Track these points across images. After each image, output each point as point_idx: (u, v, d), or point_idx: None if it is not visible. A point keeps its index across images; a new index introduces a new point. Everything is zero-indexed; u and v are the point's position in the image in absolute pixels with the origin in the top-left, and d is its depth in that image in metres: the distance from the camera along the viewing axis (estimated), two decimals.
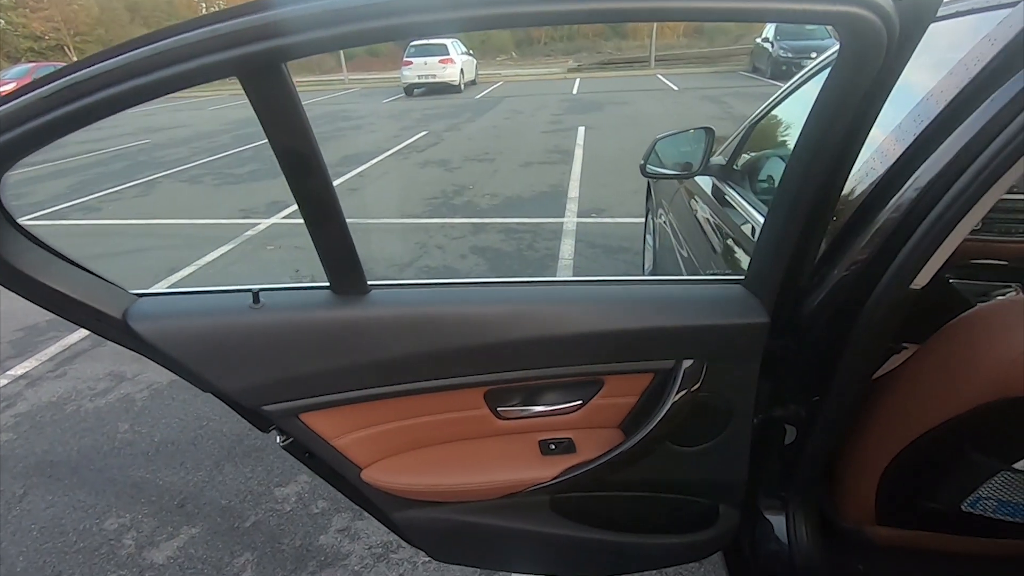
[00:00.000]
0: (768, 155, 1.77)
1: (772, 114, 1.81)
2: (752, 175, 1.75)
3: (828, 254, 0.97)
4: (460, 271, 3.93)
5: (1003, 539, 1.11)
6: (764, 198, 1.59)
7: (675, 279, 1.07)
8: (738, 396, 1.02)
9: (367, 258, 4.17)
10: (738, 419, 1.04)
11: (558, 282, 1.00)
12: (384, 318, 0.90)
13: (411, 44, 15.68)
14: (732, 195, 1.71)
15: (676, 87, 14.44)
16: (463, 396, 1.00)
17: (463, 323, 0.91)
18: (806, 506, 1.16)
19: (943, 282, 1.31)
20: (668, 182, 2.44)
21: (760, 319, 0.94)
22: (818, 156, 0.80)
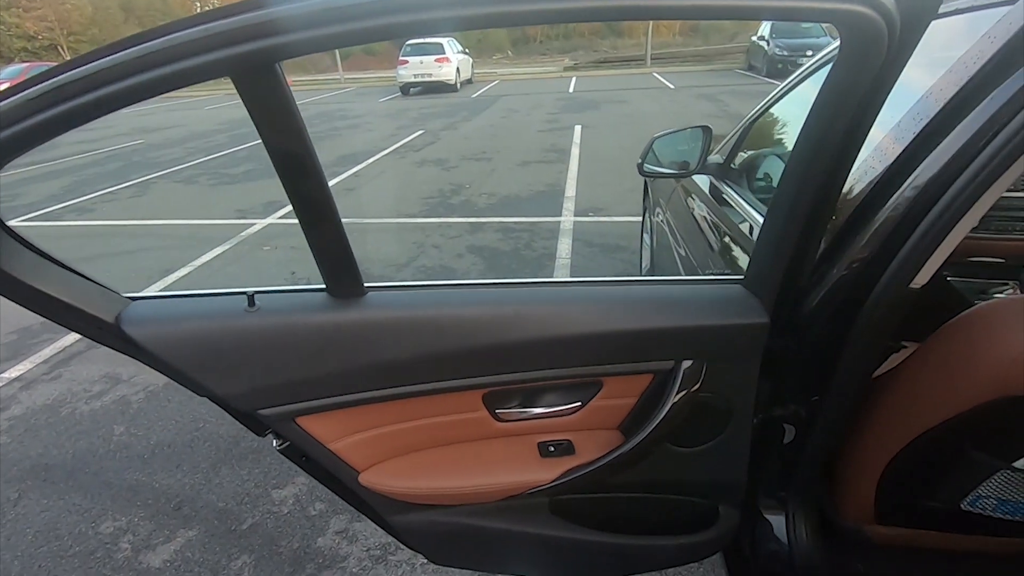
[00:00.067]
0: (766, 154, 1.77)
1: (770, 113, 1.81)
2: (750, 174, 1.74)
3: (827, 253, 0.97)
4: (457, 271, 3.92)
5: (1003, 537, 1.11)
6: (762, 197, 1.59)
7: (674, 279, 1.07)
8: (738, 396, 1.02)
9: (364, 258, 4.17)
10: (738, 419, 1.04)
11: (556, 283, 0.99)
12: (381, 320, 0.89)
13: (407, 43, 15.65)
14: (730, 194, 1.71)
15: (672, 85, 14.44)
16: (461, 398, 0.99)
17: (461, 325, 0.91)
18: (806, 505, 1.16)
19: (942, 281, 1.31)
20: (665, 181, 2.44)
21: (760, 319, 0.93)
22: (818, 155, 0.79)
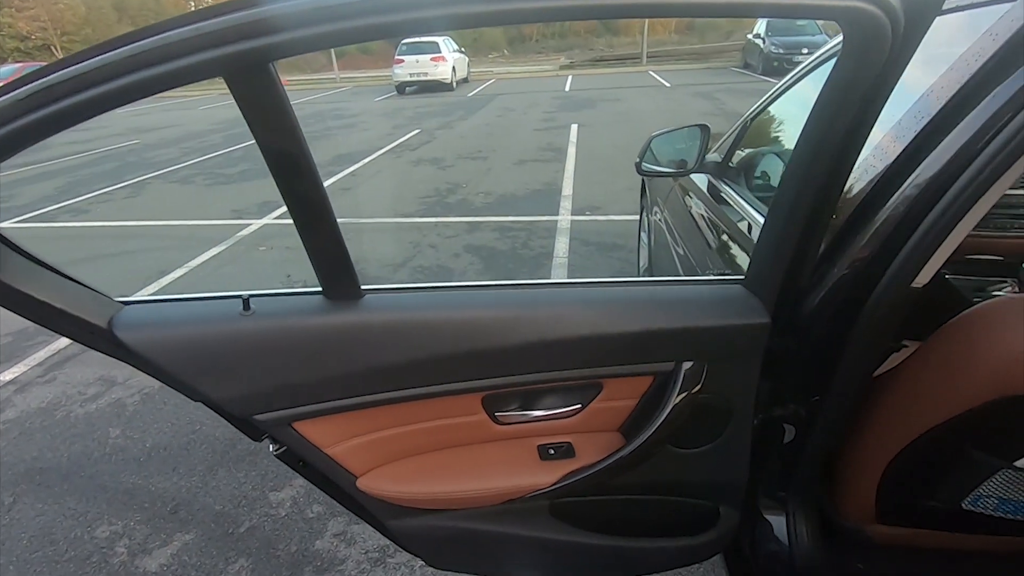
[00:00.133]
0: (764, 152, 1.76)
1: (768, 111, 1.80)
2: (748, 172, 1.74)
3: (828, 252, 0.96)
4: (455, 270, 3.90)
5: (1004, 536, 1.11)
6: (760, 195, 1.58)
7: (674, 280, 1.06)
8: (738, 397, 1.01)
9: (360, 258, 4.16)
10: (738, 420, 1.03)
11: (555, 284, 0.98)
12: (378, 323, 0.88)
13: (403, 42, 15.60)
14: (728, 192, 1.70)
15: (668, 83, 14.44)
16: (460, 402, 0.98)
17: (459, 327, 0.90)
18: (806, 505, 1.15)
19: (942, 280, 1.31)
20: (663, 180, 2.43)
21: (761, 319, 0.93)
22: (820, 154, 0.78)
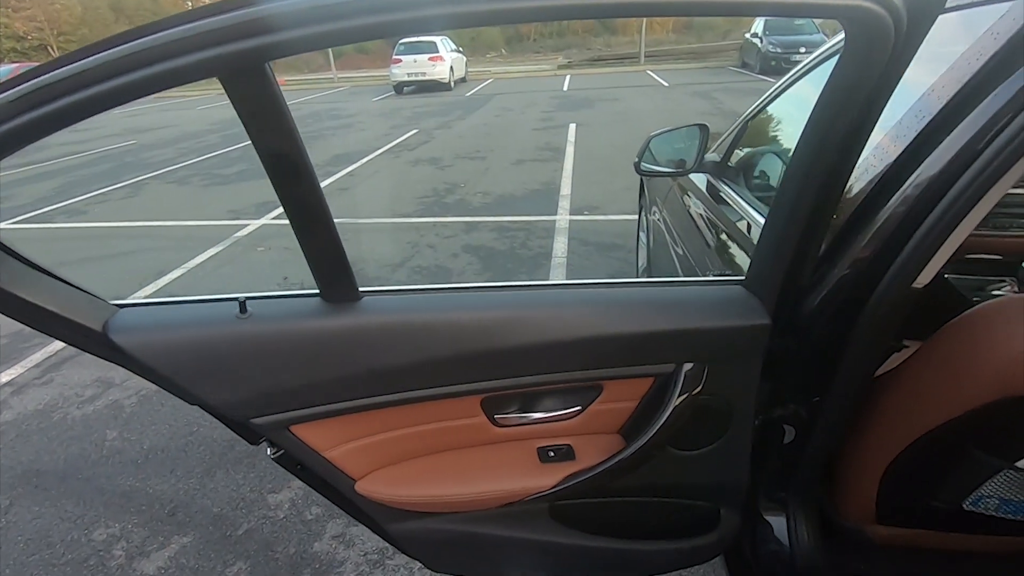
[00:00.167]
0: (763, 152, 1.76)
1: (767, 111, 1.79)
2: (747, 172, 1.73)
3: (828, 253, 0.96)
4: (453, 270, 3.90)
5: (1005, 537, 1.10)
6: (760, 195, 1.58)
7: (674, 280, 1.05)
8: (739, 398, 1.00)
9: (358, 259, 4.15)
10: (739, 421, 1.03)
11: (555, 285, 0.98)
12: (376, 326, 0.88)
13: (400, 42, 15.57)
14: (728, 192, 1.69)
15: (666, 83, 14.44)
16: (459, 404, 0.98)
17: (458, 329, 0.89)
18: (806, 506, 1.15)
19: (943, 279, 1.30)
20: (662, 179, 2.42)
21: (762, 320, 0.92)
22: (821, 155, 0.78)
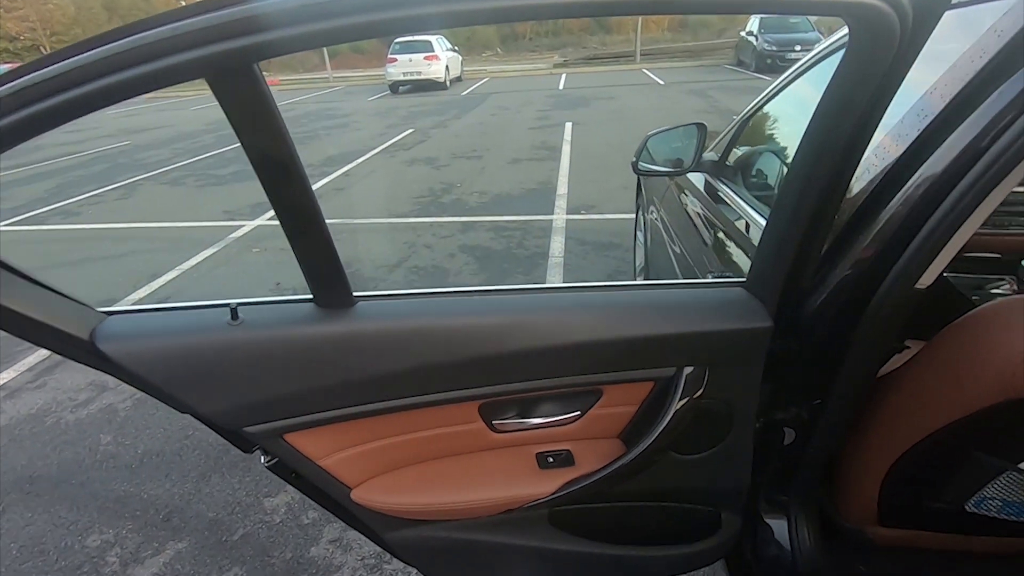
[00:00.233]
0: (761, 150, 1.75)
1: (765, 110, 1.78)
2: (746, 171, 1.72)
3: (830, 253, 0.94)
4: (450, 270, 3.88)
5: (1007, 538, 1.10)
6: (758, 194, 1.57)
7: (674, 283, 1.04)
8: (740, 402, 0.99)
9: (355, 259, 4.13)
10: (740, 425, 1.01)
11: (553, 289, 0.96)
12: (371, 331, 0.86)
13: (396, 41, 15.54)
14: (726, 191, 1.68)
15: (662, 81, 14.45)
16: (456, 410, 0.96)
17: (455, 334, 0.87)
18: (807, 508, 1.14)
19: (945, 280, 1.30)
20: (659, 178, 2.41)
21: (763, 323, 0.91)
22: (824, 155, 0.76)
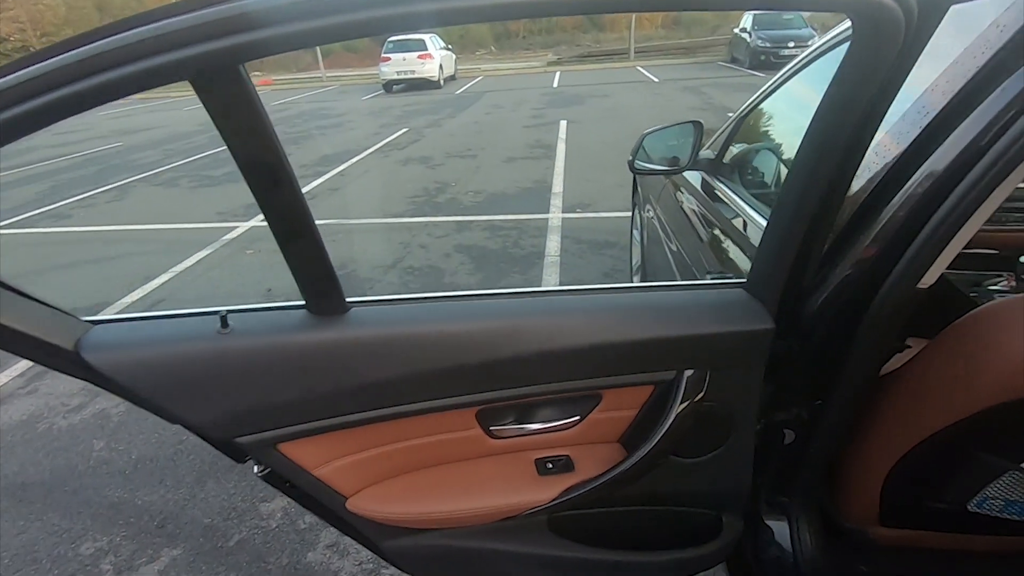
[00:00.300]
0: (758, 148, 1.74)
1: (761, 107, 1.77)
2: (743, 169, 1.71)
3: (831, 252, 0.93)
4: (446, 270, 3.86)
5: (1009, 537, 1.09)
6: (755, 192, 1.56)
7: (674, 284, 1.02)
8: (742, 404, 0.98)
9: (349, 260, 4.11)
10: (741, 427, 1.00)
11: (551, 292, 0.94)
12: (365, 338, 0.84)
13: (389, 40, 15.49)
14: (723, 189, 1.67)
15: (656, 79, 14.44)
16: (453, 417, 0.94)
17: (451, 340, 0.86)
18: (808, 509, 1.14)
19: (945, 278, 1.29)
20: (655, 176, 2.40)
21: (765, 325, 0.90)
22: (826, 153, 0.75)
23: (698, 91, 11.63)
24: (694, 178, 1.92)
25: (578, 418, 1.00)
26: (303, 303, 0.83)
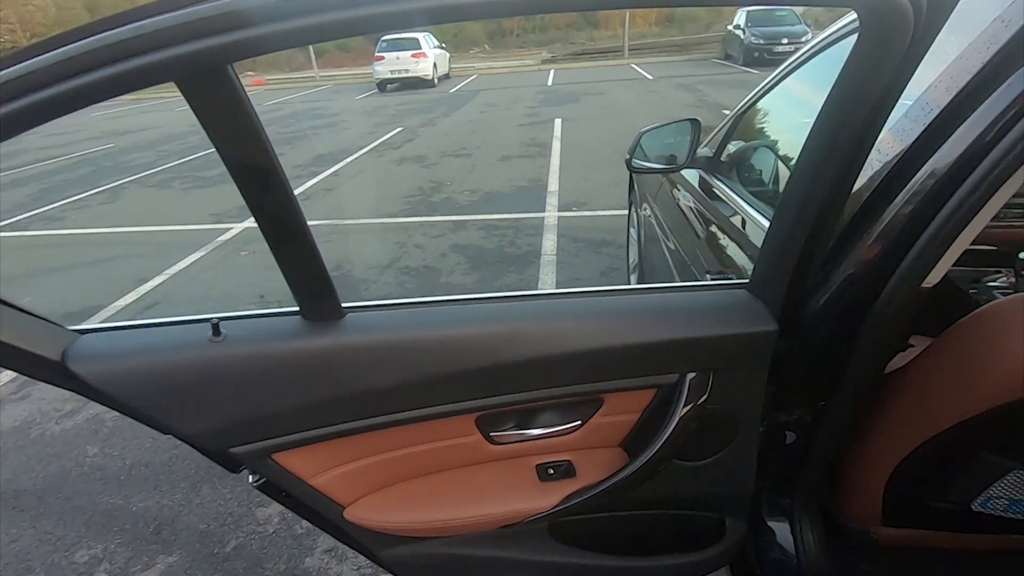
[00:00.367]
0: (756, 146, 1.72)
1: (758, 105, 1.76)
2: (741, 167, 1.70)
3: (834, 251, 0.92)
4: (442, 270, 3.84)
5: (1013, 535, 1.09)
6: (753, 190, 1.55)
7: (675, 286, 1.01)
8: (746, 406, 0.97)
9: (345, 261, 4.08)
10: (745, 430, 0.99)
11: (549, 295, 0.93)
12: (362, 345, 0.82)
13: (382, 39, 15.43)
14: (721, 187, 1.66)
15: (650, 76, 14.45)
16: (452, 423, 0.93)
17: (449, 345, 0.84)
18: (810, 509, 1.13)
19: (949, 277, 1.28)
20: (652, 175, 2.39)
21: (768, 327, 0.88)
22: (831, 154, 0.74)
23: (692, 88, 11.62)
24: (691, 176, 1.91)
25: (579, 423, 0.98)
26: (297, 309, 0.81)
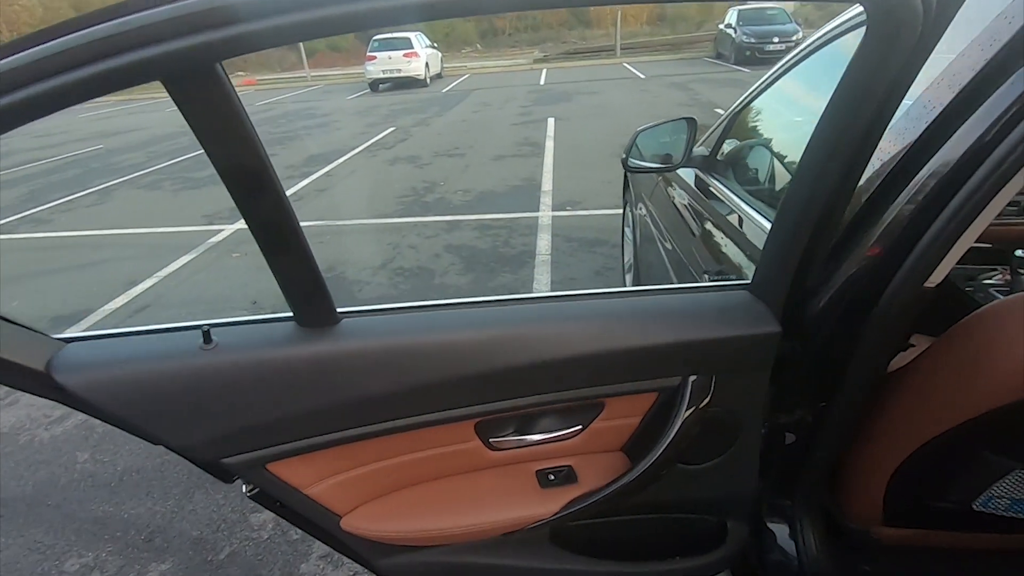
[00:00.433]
0: (752, 145, 1.72)
1: (754, 104, 1.75)
2: (737, 165, 1.69)
3: (836, 251, 0.91)
4: (435, 271, 3.82)
5: (1014, 535, 1.08)
6: (749, 188, 1.54)
7: (676, 288, 1.00)
8: (748, 408, 0.96)
9: (338, 262, 4.06)
10: (747, 432, 0.98)
11: (548, 298, 0.91)
12: (358, 350, 0.80)
13: (374, 38, 15.38)
14: (717, 186, 1.65)
15: (643, 75, 14.47)
16: (451, 430, 0.91)
17: (447, 350, 0.82)
18: (811, 510, 1.12)
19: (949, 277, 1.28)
20: (647, 174, 2.38)
21: (771, 328, 0.87)
22: (835, 154, 0.72)
23: (685, 87, 11.65)
24: (687, 175, 1.90)
25: (580, 427, 0.97)
26: (291, 315, 0.79)
